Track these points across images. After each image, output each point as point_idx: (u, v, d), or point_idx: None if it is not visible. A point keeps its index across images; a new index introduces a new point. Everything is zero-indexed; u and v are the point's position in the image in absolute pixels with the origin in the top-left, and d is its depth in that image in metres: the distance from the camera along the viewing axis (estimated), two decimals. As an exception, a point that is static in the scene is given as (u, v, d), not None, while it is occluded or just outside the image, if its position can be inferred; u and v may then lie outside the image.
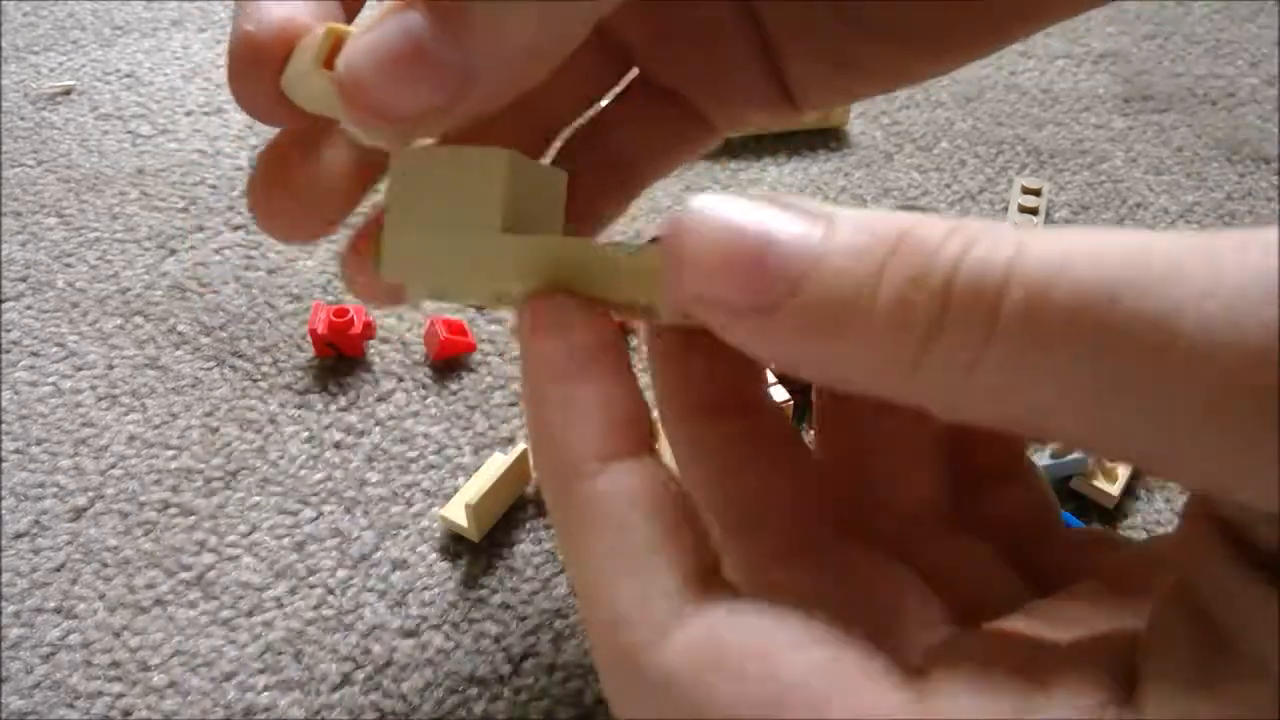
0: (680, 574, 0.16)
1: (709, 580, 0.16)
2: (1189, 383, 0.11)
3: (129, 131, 0.69)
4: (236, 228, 0.61)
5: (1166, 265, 0.11)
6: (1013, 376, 0.12)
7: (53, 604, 0.42)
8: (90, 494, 0.46)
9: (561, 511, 0.17)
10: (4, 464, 0.47)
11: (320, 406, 0.50)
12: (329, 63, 0.18)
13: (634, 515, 0.16)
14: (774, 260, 0.14)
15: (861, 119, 0.71)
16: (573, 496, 0.16)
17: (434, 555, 0.44)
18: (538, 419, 0.17)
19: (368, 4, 0.21)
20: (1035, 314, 0.12)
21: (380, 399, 0.50)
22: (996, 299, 0.12)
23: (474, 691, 0.39)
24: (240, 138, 0.68)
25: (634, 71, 0.27)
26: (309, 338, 0.53)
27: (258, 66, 0.19)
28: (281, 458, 0.48)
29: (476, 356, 0.52)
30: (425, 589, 0.42)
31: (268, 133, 0.23)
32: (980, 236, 0.12)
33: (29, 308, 0.55)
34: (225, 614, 0.41)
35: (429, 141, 0.19)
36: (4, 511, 0.45)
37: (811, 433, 0.22)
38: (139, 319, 0.55)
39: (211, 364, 0.52)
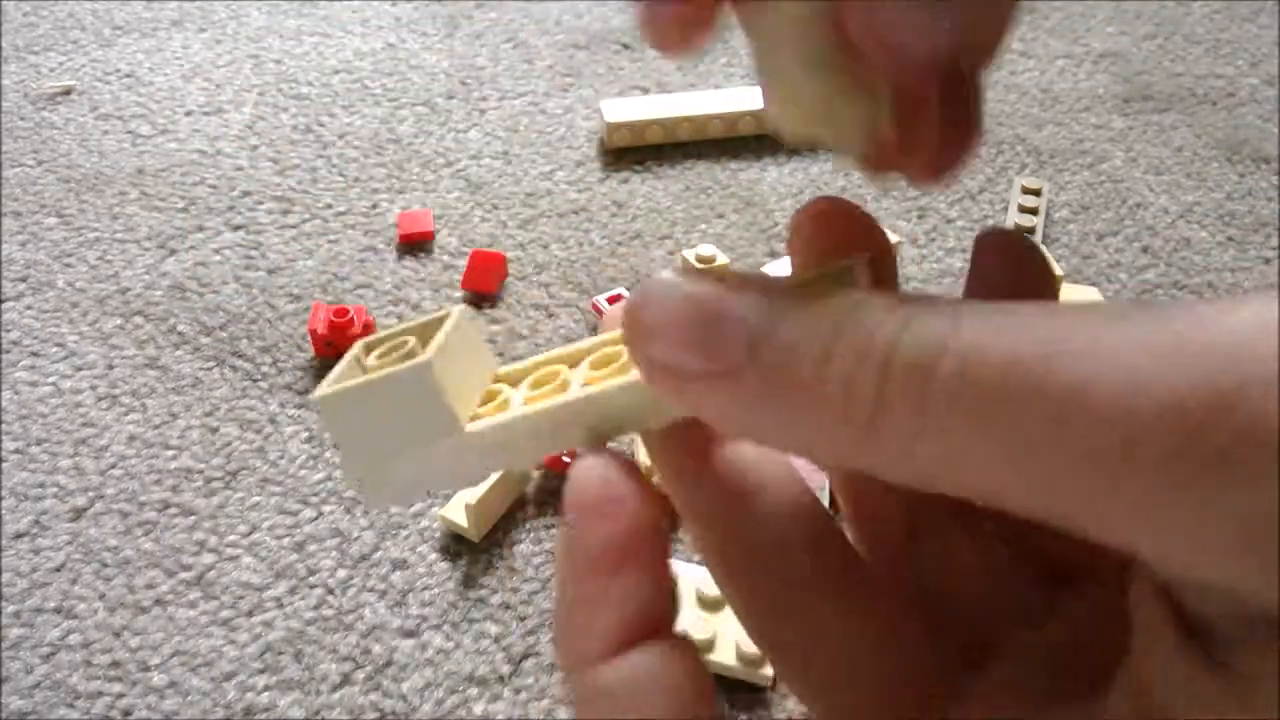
0: None
1: None
2: (1101, 444, 0.11)
3: (129, 131, 0.69)
4: (236, 228, 0.61)
5: (1086, 336, 0.12)
6: (951, 446, 0.13)
7: (53, 604, 0.42)
8: (90, 494, 0.46)
9: (575, 696, 0.17)
10: (4, 464, 0.47)
11: (320, 406, 0.50)
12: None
13: (638, 704, 0.16)
14: (729, 327, 0.14)
15: (861, 119, 0.71)
16: (582, 680, 0.17)
17: (434, 555, 0.44)
18: (563, 597, 0.17)
19: None
20: (965, 385, 0.12)
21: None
22: (930, 372, 0.13)
23: (474, 691, 0.39)
24: (240, 138, 0.68)
25: None
26: (309, 338, 0.53)
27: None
28: (281, 458, 0.48)
29: (476, 356, 0.52)
30: (425, 589, 0.42)
31: (269, 133, 0.23)
32: (918, 314, 0.13)
33: (29, 308, 0.55)
34: (225, 614, 0.42)
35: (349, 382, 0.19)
36: (4, 511, 0.45)
37: None
38: (139, 319, 0.55)
39: (211, 364, 0.52)
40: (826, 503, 0.33)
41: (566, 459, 0.46)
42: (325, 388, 0.18)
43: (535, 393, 0.18)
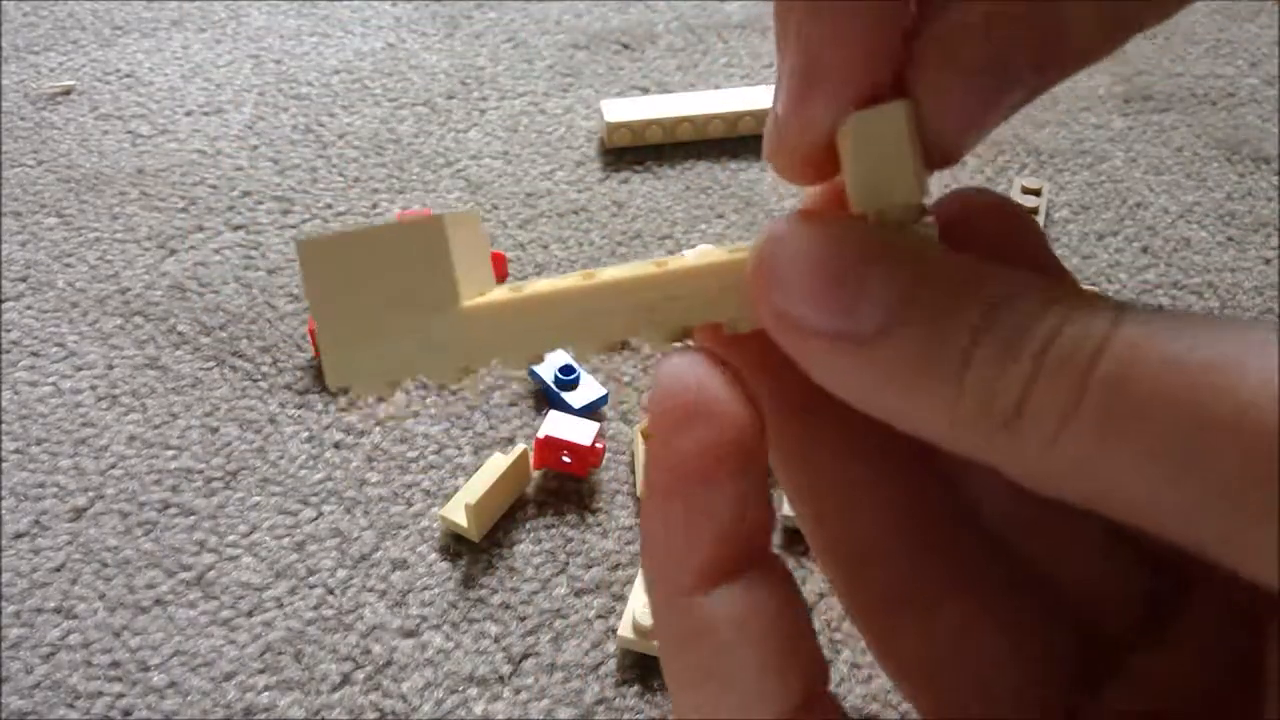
0: (787, 706, 0.15)
1: (816, 704, 0.15)
2: (1263, 474, 0.11)
3: (129, 131, 0.69)
4: (236, 228, 0.61)
5: (1256, 354, 0.11)
6: (1095, 450, 0.12)
7: (53, 604, 0.42)
8: (90, 494, 0.46)
9: (664, 628, 0.16)
10: (4, 464, 0.47)
11: (320, 406, 0.50)
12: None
13: (741, 642, 0.15)
14: (870, 290, 0.13)
15: (861, 119, 0.71)
16: (677, 616, 0.15)
17: (434, 555, 0.44)
18: (652, 517, 0.15)
19: None
20: (1121, 388, 0.12)
21: (380, 399, 0.50)
22: (1086, 372, 0.12)
23: (474, 691, 0.39)
24: (240, 138, 0.68)
25: None
26: (309, 338, 0.53)
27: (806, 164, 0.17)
28: (281, 458, 0.48)
29: (476, 356, 0.52)
30: (425, 589, 0.42)
31: (268, 133, 0.23)
32: (1077, 308, 0.12)
33: (29, 308, 0.55)
34: (225, 614, 0.41)
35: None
36: (4, 511, 0.45)
37: None
38: (139, 319, 0.55)
39: (211, 364, 0.52)
40: None
41: (566, 458, 0.46)
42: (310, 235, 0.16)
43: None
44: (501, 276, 0.57)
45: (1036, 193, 0.63)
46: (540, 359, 0.17)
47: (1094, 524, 0.17)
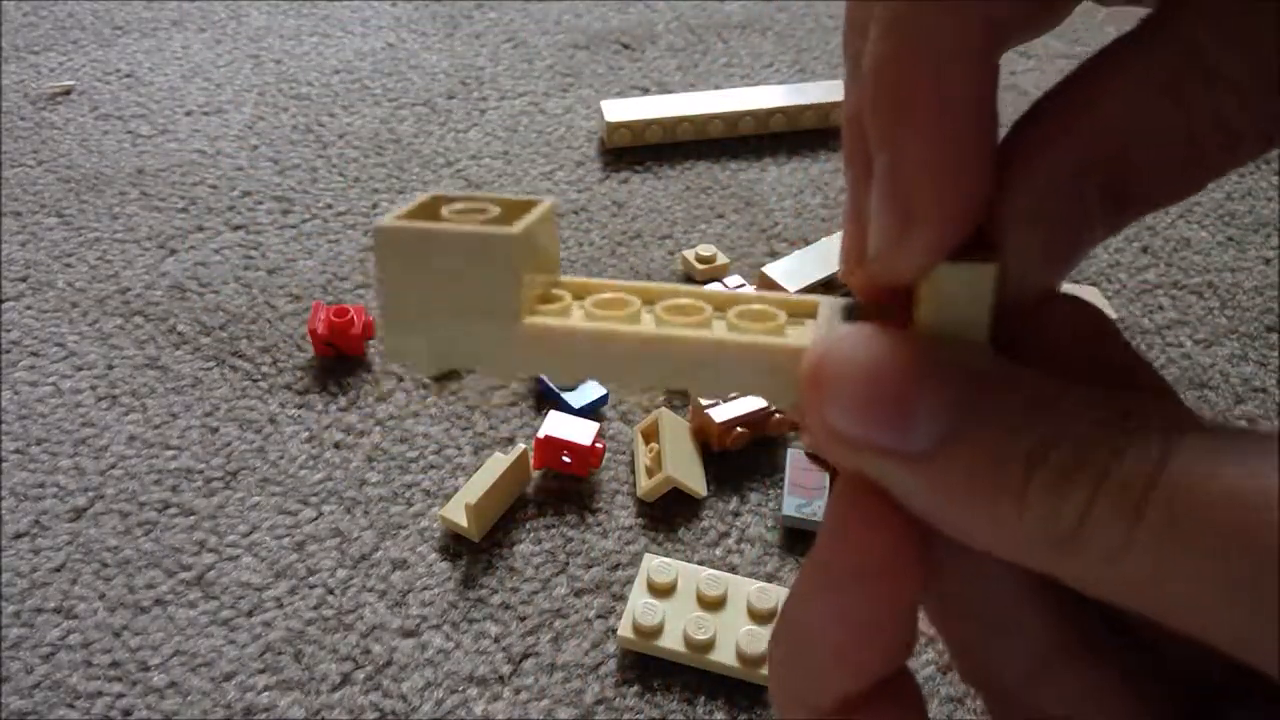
0: None
1: None
2: None
3: (129, 131, 0.69)
4: (236, 228, 0.61)
5: None
6: (1152, 572, 0.12)
7: (53, 604, 0.42)
8: (90, 494, 0.46)
9: None
10: (4, 464, 0.47)
11: (320, 406, 0.50)
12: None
13: None
14: (925, 413, 0.13)
15: (861, 119, 0.70)
16: None
17: (434, 555, 0.44)
18: (808, 605, 0.15)
19: None
20: (1178, 516, 0.12)
21: (380, 399, 0.50)
22: (1144, 497, 0.12)
23: (474, 691, 0.39)
24: (240, 138, 0.68)
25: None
26: (309, 338, 0.53)
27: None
28: (281, 458, 0.48)
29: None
30: (425, 589, 0.42)
31: (268, 133, 0.23)
32: (1136, 430, 0.13)
33: (29, 308, 0.55)
34: (225, 614, 0.41)
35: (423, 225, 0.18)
36: (4, 511, 0.45)
37: None
38: (139, 319, 0.55)
39: (211, 364, 0.52)
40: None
41: (566, 458, 0.46)
42: (389, 220, 0.17)
43: (603, 313, 0.17)
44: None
45: (1036, 193, 0.63)
46: (585, 380, 0.17)
47: None
